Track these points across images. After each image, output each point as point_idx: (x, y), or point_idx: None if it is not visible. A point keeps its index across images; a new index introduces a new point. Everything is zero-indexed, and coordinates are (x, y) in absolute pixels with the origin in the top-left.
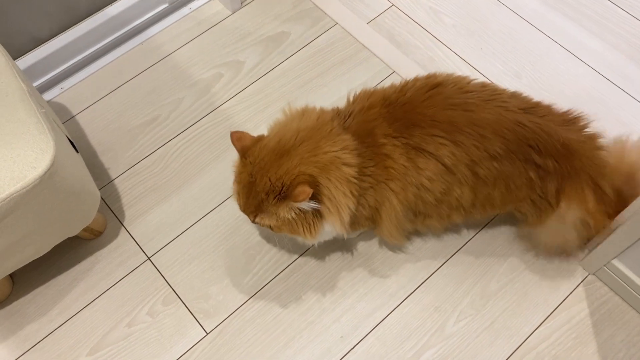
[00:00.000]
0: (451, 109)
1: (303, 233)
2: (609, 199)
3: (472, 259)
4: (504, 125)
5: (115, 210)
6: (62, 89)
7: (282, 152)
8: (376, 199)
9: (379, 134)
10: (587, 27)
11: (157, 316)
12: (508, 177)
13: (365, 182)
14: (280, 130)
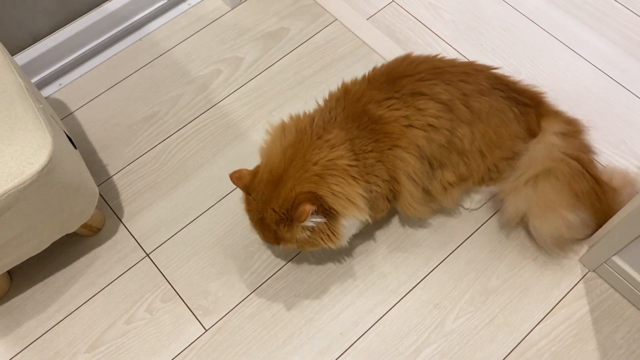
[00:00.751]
0: (429, 62)
1: (326, 243)
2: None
3: (472, 256)
4: (478, 69)
5: (113, 207)
6: (60, 85)
7: (276, 180)
8: (387, 168)
9: (371, 108)
10: (587, 23)
11: (155, 313)
12: (498, 110)
13: (368, 159)
14: (268, 156)
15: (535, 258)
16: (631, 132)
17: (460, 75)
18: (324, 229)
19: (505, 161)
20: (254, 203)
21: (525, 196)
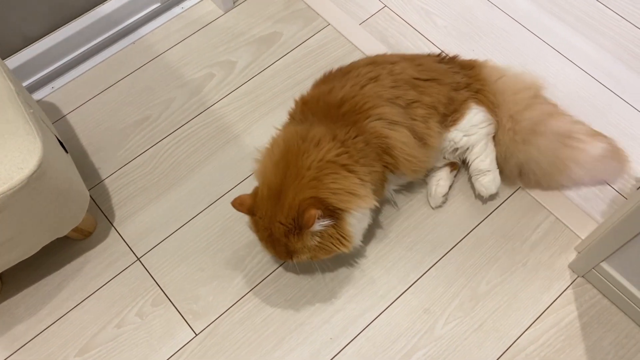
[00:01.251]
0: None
1: (338, 247)
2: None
3: (462, 260)
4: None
5: (105, 211)
6: (52, 88)
7: (276, 194)
8: (379, 144)
9: (331, 98)
10: (577, 28)
11: (146, 317)
12: (429, 58)
13: (357, 144)
14: (263, 174)
15: (525, 263)
16: (620, 137)
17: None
18: (333, 234)
19: (455, 92)
20: (260, 222)
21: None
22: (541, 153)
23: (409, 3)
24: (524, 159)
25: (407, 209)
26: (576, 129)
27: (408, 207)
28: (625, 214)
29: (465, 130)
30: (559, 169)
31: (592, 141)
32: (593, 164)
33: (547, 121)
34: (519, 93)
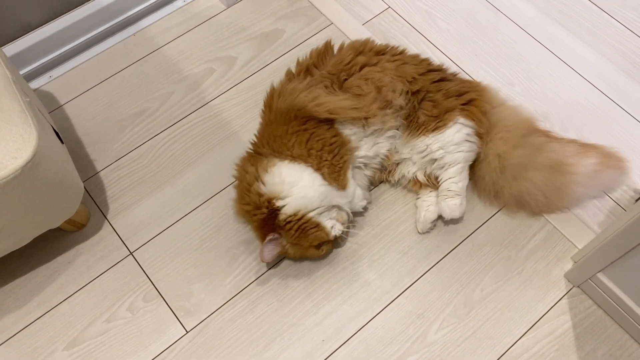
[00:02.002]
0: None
1: (325, 233)
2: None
3: (457, 266)
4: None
5: (99, 203)
6: (50, 77)
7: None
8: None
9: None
10: (583, 38)
11: (137, 312)
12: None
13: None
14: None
15: (520, 272)
16: (621, 148)
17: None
18: (305, 226)
19: (442, 97)
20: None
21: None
22: (536, 186)
23: (413, 5)
24: (518, 192)
25: (402, 214)
26: (566, 153)
27: (404, 212)
28: (623, 226)
29: (444, 145)
30: (559, 196)
31: (581, 160)
32: (589, 181)
33: (536, 156)
34: (510, 131)
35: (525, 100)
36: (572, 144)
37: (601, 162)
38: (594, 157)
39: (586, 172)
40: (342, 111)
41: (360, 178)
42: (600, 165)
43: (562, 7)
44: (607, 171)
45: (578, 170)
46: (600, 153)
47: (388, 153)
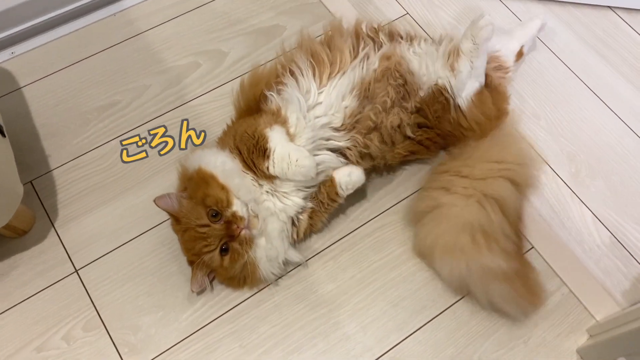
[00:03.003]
0: None
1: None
2: None
3: (454, 326)
4: None
5: (47, 207)
6: (12, 54)
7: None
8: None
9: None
10: (623, 72)
11: (73, 343)
12: None
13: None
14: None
15: (527, 340)
16: None
17: None
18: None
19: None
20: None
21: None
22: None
23: (436, 15)
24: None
25: (398, 256)
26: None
27: (400, 254)
28: None
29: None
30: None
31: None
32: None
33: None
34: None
35: (550, 137)
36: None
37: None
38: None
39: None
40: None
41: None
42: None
43: (602, 34)
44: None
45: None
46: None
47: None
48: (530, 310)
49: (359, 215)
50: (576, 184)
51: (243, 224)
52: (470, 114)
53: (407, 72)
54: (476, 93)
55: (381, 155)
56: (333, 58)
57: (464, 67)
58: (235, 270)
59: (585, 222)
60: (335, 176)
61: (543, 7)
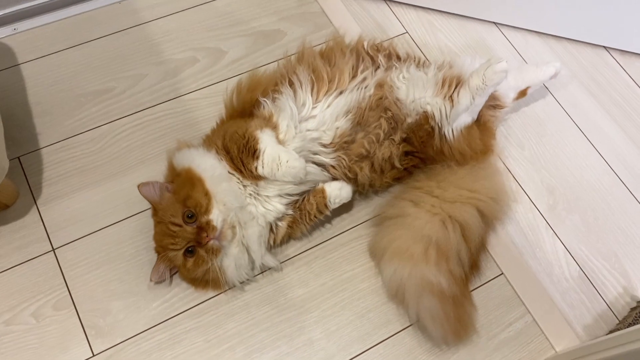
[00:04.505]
0: None
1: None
2: None
3: (416, 343)
4: None
5: (32, 184)
6: (15, 30)
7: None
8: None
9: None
10: (611, 113)
11: (42, 320)
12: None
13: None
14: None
15: None
16: (627, 245)
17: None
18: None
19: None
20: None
21: None
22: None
23: (434, 37)
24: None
25: (370, 268)
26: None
27: (370, 268)
28: (615, 350)
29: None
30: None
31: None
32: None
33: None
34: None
35: (532, 168)
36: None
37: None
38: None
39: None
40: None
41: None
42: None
43: (594, 72)
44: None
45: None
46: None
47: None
48: (451, 339)
49: (337, 224)
50: (552, 216)
51: (213, 234)
52: (457, 145)
53: (395, 101)
54: (466, 126)
55: (369, 183)
56: (332, 76)
57: (465, 100)
58: (197, 273)
59: (557, 255)
60: (326, 189)
61: (540, 39)
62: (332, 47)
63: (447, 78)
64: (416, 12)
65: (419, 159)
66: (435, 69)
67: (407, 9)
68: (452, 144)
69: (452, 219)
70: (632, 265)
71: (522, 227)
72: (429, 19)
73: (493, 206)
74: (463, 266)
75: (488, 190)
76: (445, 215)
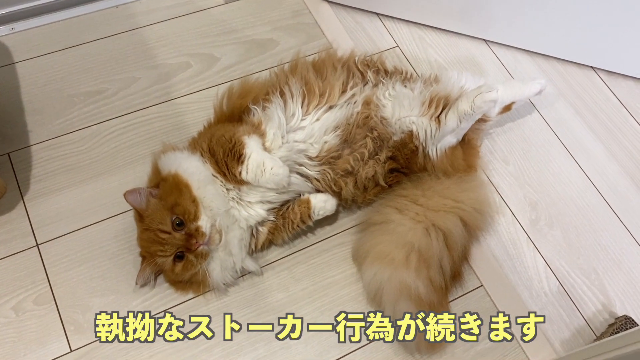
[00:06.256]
0: None
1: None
2: None
3: (392, 352)
4: None
5: (20, 180)
6: (12, 29)
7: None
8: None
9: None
10: (595, 131)
11: (22, 314)
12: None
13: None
14: None
15: None
16: (606, 262)
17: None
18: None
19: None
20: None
21: None
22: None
23: (424, 51)
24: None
25: (351, 275)
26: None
27: (351, 275)
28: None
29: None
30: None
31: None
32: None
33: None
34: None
35: (516, 183)
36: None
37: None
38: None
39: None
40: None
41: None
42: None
43: (581, 92)
44: None
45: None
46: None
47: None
48: (422, 349)
49: (320, 231)
50: (534, 231)
51: (203, 240)
52: (440, 164)
53: (381, 120)
54: (450, 147)
55: (352, 198)
56: (323, 90)
57: (452, 123)
58: (184, 277)
59: (537, 269)
60: (312, 200)
61: (529, 58)
62: (324, 60)
63: (435, 98)
64: (408, 27)
65: (404, 175)
66: (422, 85)
67: (399, 24)
68: (435, 162)
69: (435, 227)
70: (611, 282)
71: (504, 241)
72: (420, 34)
73: (476, 217)
74: (444, 275)
75: (472, 202)
76: (429, 223)
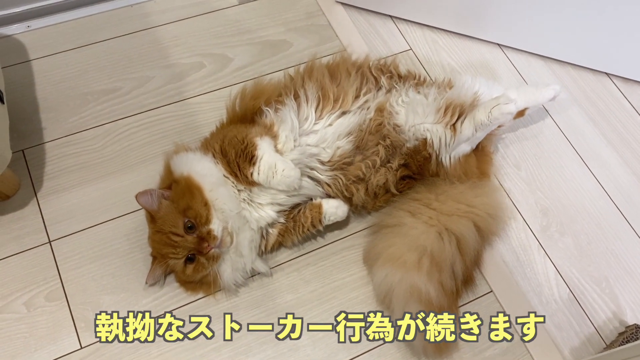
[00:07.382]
0: None
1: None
2: None
3: (399, 356)
4: None
5: (33, 177)
6: (28, 27)
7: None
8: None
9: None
10: (609, 139)
11: (34, 310)
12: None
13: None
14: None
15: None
16: (618, 270)
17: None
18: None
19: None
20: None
21: None
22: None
23: (437, 55)
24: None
25: (361, 278)
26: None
27: (360, 278)
28: None
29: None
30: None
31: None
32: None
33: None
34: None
35: (527, 188)
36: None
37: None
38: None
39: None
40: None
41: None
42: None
43: (595, 98)
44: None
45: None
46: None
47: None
48: (430, 353)
49: (330, 233)
50: (545, 238)
51: (214, 243)
52: (453, 172)
53: (394, 127)
54: (464, 155)
55: (362, 204)
56: (337, 95)
57: (467, 132)
58: (195, 278)
59: (547, 276)
60: (324, 205)
61: (543, 63)
62: (339, 64)
63: (450, 105)
64: (421, 30)
65: (415, 181)
66: (435, 91)
67: (413, 27)
68: (448, 170)
69: (448, 231)
70: (622, 290)
71: (514, 247)
72: (433, 37)
73: (490, 222)
74: (456, 279)
75: (486, 207)
76: (442, 227)
